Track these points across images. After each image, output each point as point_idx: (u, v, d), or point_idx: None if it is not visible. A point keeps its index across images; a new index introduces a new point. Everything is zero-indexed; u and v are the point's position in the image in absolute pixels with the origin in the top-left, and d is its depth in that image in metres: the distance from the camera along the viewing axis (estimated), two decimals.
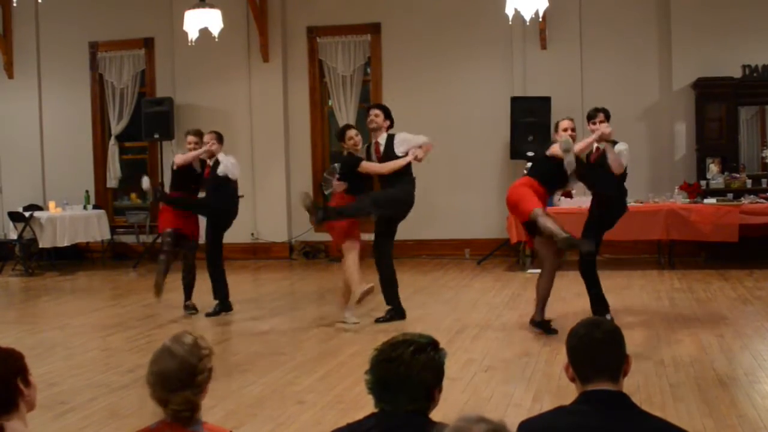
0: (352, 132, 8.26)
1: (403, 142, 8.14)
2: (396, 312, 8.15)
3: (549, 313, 7.92)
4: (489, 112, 12.74)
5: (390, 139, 8.17)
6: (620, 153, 7.38)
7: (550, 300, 7.94)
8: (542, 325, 7.46)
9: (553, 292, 8.90)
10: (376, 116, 8.21)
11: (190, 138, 9.09)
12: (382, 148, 8.16)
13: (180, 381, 2.61)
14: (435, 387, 2.56)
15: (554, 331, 7.28)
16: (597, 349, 2.61)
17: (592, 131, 7.46)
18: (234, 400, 5.45)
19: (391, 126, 8.28)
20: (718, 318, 7.83)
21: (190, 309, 8.89)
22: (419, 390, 2.52)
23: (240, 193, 9.30)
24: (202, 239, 9.06)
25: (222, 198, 8.83)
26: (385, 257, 8.19)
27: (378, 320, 8.06)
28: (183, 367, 2.62)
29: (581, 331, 2.67)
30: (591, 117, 7.64)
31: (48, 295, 10.87)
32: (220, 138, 8.96)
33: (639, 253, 11.99)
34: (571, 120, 7.71)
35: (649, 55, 12.52)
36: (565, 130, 7.56)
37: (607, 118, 7.57)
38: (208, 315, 8.73)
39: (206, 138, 8.97)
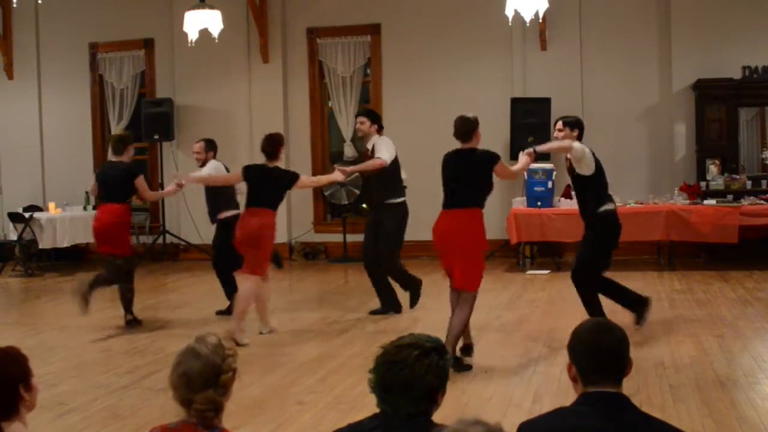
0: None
1: (377, 148, 8.16)
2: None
3: (551, 314, 7.95)
4: (489, 113, 12.66)
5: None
6: (580, 156, 6.86)
7: (554, 299, 8.03)
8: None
9: (555, 292, 8.92)
10: (361, 124, 8.29)
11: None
12: (371, 152, 8.21)
13: (204, 381, 2.58)
14: (438, 391, 2.56)
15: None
16: (605, 356, 2.60)
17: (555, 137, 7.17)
18: (234, 401, 5.41)
19: (380, 130, 8.29)
20: (718, 319, 7.82)
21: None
22: (422, 394, 2.52)
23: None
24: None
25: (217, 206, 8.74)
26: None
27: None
28: (207, 366, 2.60)
29: (590, 337, 2.65)
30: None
31: (48, 295, 10.86)
32: (209, 145, 8.82)
33: (639, 254, 11.99)
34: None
35: (649, 56, 12.52)
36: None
37: (572, 126, 7.06)
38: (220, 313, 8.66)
39: (195, 147, 8.85)
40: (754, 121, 12.68)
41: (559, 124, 7.25)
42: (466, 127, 6.44)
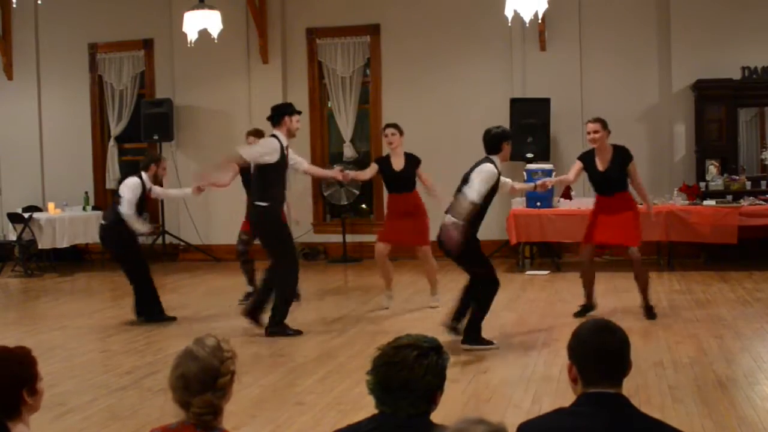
0: (388, 130, 8.70)
1: None
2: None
3: (550, 315, 7.95)
4: (488, 114, 12.69)
5: None
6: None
7: (553, 300, 8.09)
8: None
9: (552, 293, 8.92)
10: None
11: (252, 139, 8.96)
12: None
13: (202, 384, 2.56)
14: (437, 391, 2.56)
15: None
16: (608, 357, 2.61)
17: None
18: (233, 401, 5.40)
19: (274, 124, 7.81)
20: (717, 320, 7.83)
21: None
22: (421, 394, 2.52)
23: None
24: None
25: None
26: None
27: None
28: (205, 369, 2.58)
29: (592, 338, 2.65)
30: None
31: (47, 296, 10.86)
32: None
33: None
34: (595, 122, 7.93)
35: (648, 56, 12.52)
36: (588, 133, 7.87)
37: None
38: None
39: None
40: (754, 122, 12.68)
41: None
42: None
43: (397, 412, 2.52)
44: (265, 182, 7.61)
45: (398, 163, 8.67)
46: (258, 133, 9.02)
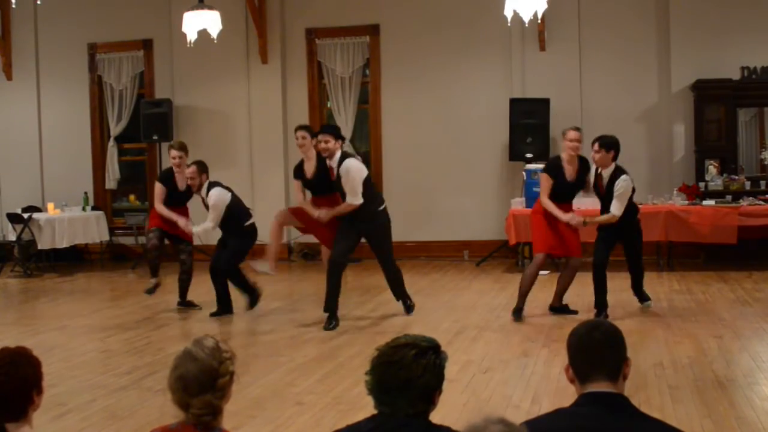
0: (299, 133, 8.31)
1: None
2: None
3: (550, 315, 7.95)
4: (488, 114, 12.75)
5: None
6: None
7: (551, 300, 8.16)
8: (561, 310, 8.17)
9: (552, 293, 8.88)
10: (326, 142, 7.97)
11: (174, 153, 8.89)
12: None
13: (201, 385, 2.56)
14: (435, 390, 2.56)
15: (574, 312, 8.09)
16: (595, 348, 2.63)
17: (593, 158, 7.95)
18: (233, 401, 5.39)
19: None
20: (716, 320, 7.83)
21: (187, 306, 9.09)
22: (420, 394, 2.52)
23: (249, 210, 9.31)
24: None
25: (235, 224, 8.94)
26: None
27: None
28: (204, 370, 2.57)
29: (581, 331, 2.70)
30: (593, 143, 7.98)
31: (47, 296, 10.86)
32: (202, 167, 8.68)
33: None
34: (578, 131, 8.05)
35: (648, 56, 12.52)
36: (572, 141, 7.96)
37: (608, 147, 7.81)
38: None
39: (188, 172, 8.62)
40: (753, 122, 12.69)
41: (596, 146, 7.84)
42: None
43: (395, 412, 2.51)
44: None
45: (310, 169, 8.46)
46: (182, 147, 8.98)
